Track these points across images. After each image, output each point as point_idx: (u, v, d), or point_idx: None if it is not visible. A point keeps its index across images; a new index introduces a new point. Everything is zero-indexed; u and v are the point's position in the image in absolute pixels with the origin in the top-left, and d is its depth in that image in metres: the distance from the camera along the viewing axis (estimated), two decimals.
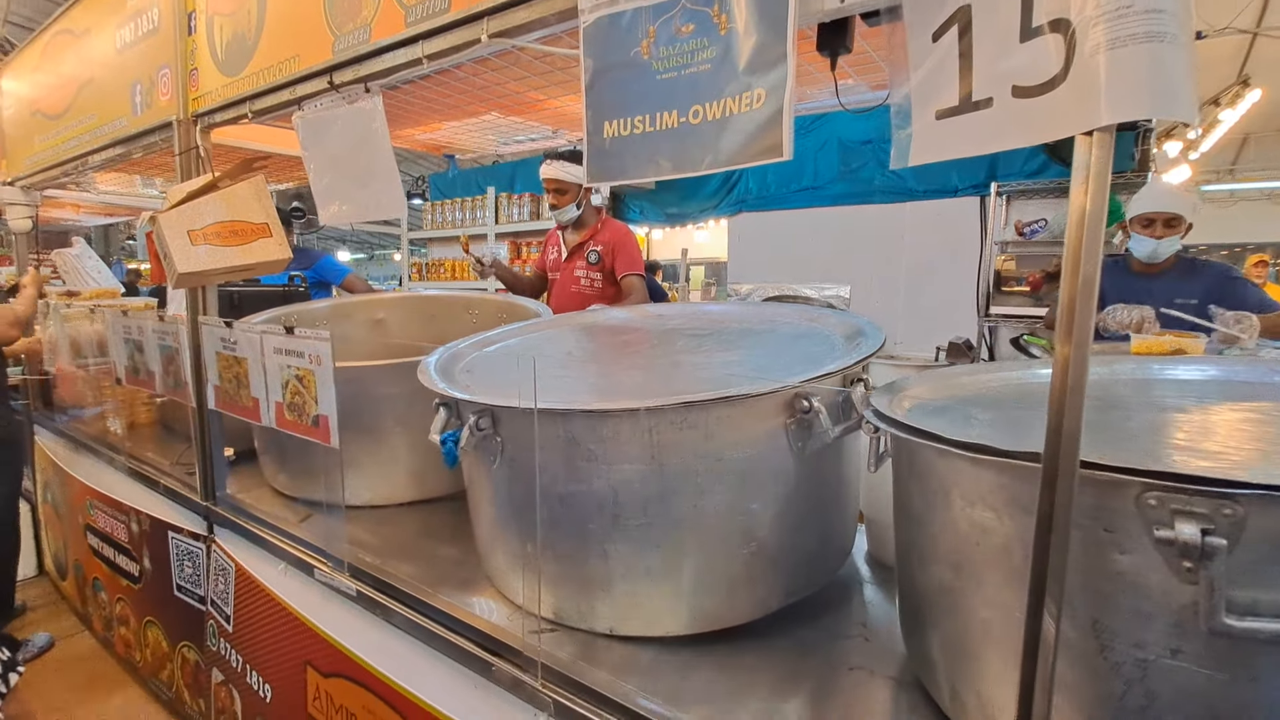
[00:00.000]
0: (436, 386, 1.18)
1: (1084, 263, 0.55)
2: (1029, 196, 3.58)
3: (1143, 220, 2.31)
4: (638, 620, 1.11)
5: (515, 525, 1.16)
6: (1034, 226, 3.45)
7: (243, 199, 1.59)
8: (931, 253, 3.91)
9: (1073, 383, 0.55)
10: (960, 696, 0.85)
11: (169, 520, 1.94)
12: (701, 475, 1.04)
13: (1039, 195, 3.54)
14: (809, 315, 1.67)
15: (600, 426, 1.02)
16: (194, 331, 1.71)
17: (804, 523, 1.14)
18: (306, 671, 1.40)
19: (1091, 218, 0.56)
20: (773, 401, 1.05)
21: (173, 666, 2.03)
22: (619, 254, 2.76)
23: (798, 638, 1.14)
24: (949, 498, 0.82)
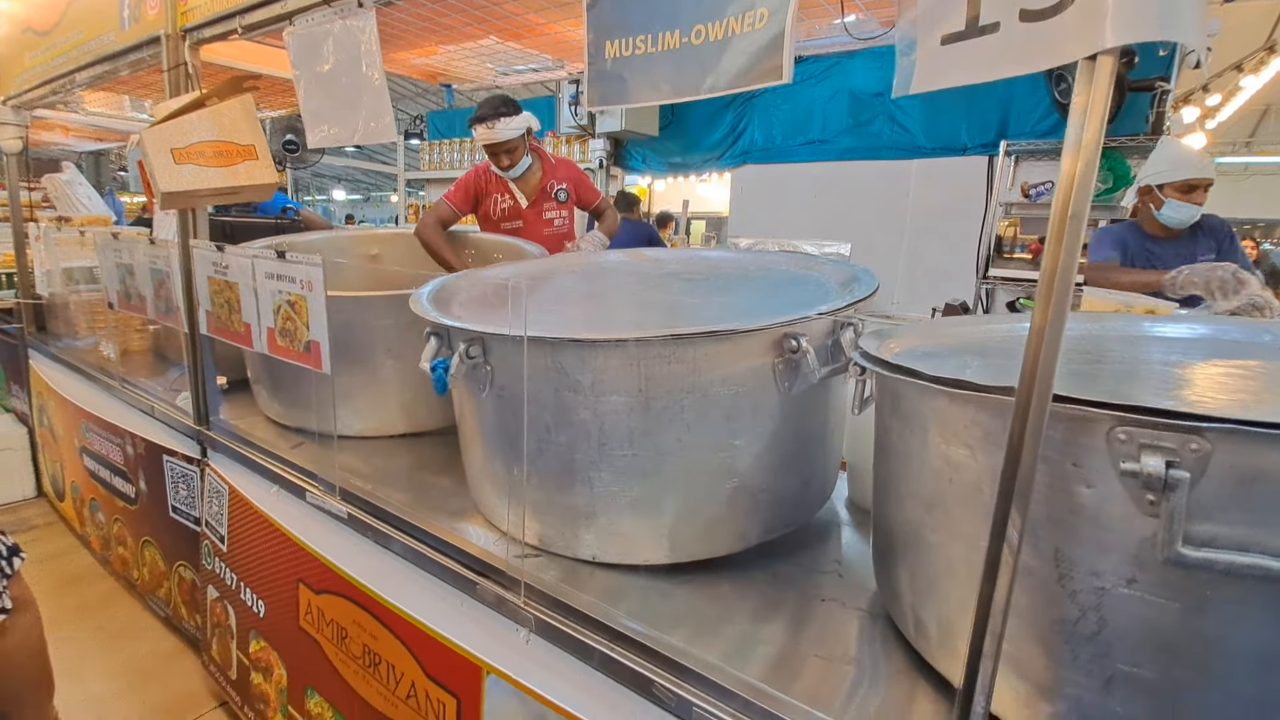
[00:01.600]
0: (428, 315, 1.18)
1: (1077, 189, 0.54)
2: (1038, 158, 3.51)
3: (1184, 186, 2.29)
4: (620, 548, 1.15)
5: (503, 453, 1.18)
6: (1040, 189, 3.40)
7: (230, 119, 1.56)
8: (936, 213, 3.86)
9: (1054, 313, 0.56)
10: (924, 625, 0.88)
11: (163, 444, 1.96)
12: (687, 410, 1.05)
13: (1048, 157, 3.47)
14: (804, 263, 1.66)
15: (589, 357, 1.02)
16: (185, 255, 1.70)
17: (786, 462, 1.17)
18: (299, 588, 1.44)
19: (1087, 148, 0.55)
20: (761, 339, 1.06)
21: (169, 584, 2.10)
22: (581, 187, 2.73)
23: (774, 571, 1.17)
24: (926, 435, 0.84)
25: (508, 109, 2.38)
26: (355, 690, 1.32)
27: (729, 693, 0.84)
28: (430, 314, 1.18)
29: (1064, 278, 0.55)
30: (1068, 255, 0.55)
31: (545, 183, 2.64)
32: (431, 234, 2.41)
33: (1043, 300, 0.56)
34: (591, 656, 0.96)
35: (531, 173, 2.62)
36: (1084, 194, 0.56)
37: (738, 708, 0.82)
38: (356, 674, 1.31)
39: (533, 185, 2.63)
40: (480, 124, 2.39)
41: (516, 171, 2.53)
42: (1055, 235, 0.56)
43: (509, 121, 2.38)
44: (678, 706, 0.87)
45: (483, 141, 2.44)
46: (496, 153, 2.47)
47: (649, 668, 0.91)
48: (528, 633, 1.05)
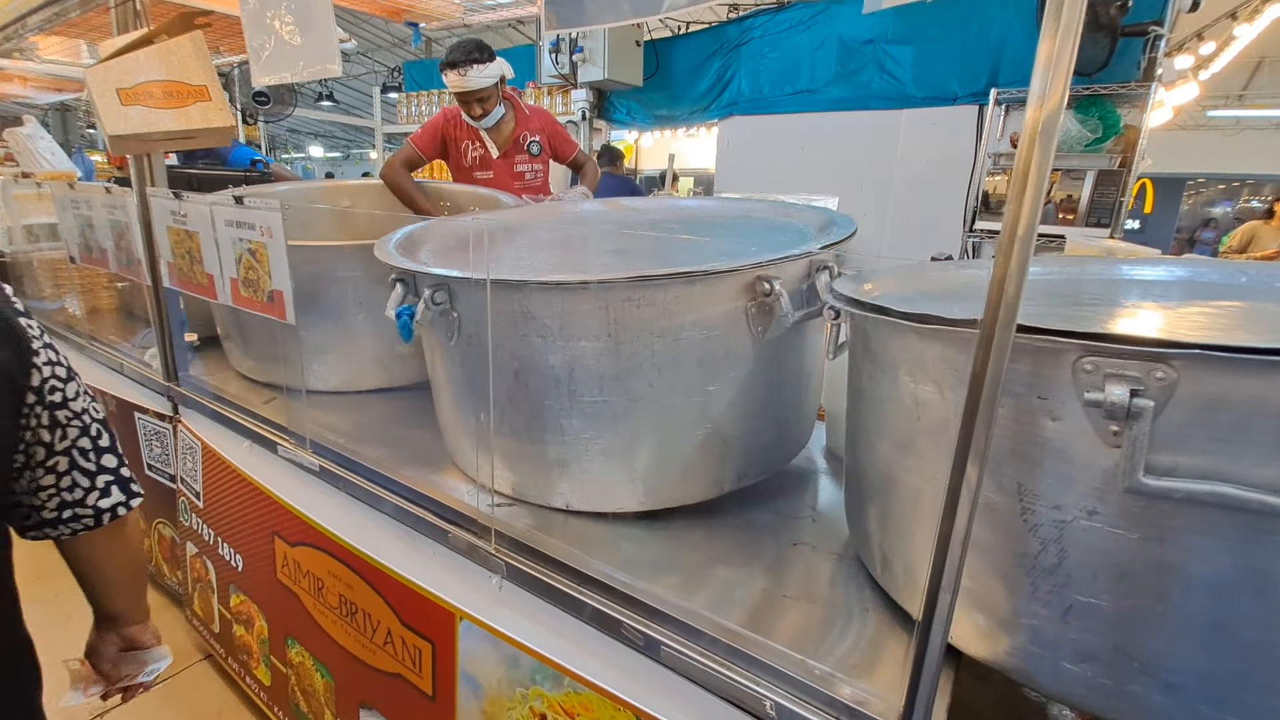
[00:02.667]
0: (392, 260, 1.14)
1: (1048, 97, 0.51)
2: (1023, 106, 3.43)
3: None
4: (593, 496, 1.14)
5: (473, 402, 1.16)
6: None
7: (180, 58, 1.47)
8: (924, 165, 3.79)
9: (1021, 235, 0.53)
10: (890, 564, 0.89)
11: (134, 401, 1.93)
12: (658, 355, 1.03)
13: None
14: (783, 211, 1.63)
15: (555, 300, 1.00)
16: (143, 204, 1.63)
17: (760, 409, 1.16)
18: (274, 541, 1.44)
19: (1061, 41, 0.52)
20: (732, 282, 1.03)
21: (149, 542, 2.09)
22: (556, 138, 2.61)
23: (749, 518, 1.18)
24: (896, 375, 0.82)
25: (481, 55, 2.26)
26: (334, 639, 1.32)
27: (697, 632, 0.84)
28: (394, 259, 1.14)
29: (1035, 191, 0.52)
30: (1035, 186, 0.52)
31: (518, 134, 2.53)
32: (398, 175, 2.32)
33: (1010, 219, 0.54)
34: (562, 601, 0.96)
35: (504, 122, 2.51)
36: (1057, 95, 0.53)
37: (705, 645, 0.83)
38: (334, 623, 1.32)
39: (505, 135, 2.52)
40: (451, 70, 2.28)
41: (488, 121, 2.43)
42: (1022, 166, 0.53)
43: (481, 69, 2.26)
44: (646, 646, 0.87)
45: (454, 89, 2.32)
46: (468, 101, 2.36)
47: (620, 610, 0.91)
48: (499, 579, 1.05)
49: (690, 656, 0.83)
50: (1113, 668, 0.66)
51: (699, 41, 4.54)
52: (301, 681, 1.46)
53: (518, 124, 2.54)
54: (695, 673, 0.83)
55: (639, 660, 0.89)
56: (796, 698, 0.76)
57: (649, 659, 0.88)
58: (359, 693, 1.30)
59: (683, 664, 0.84)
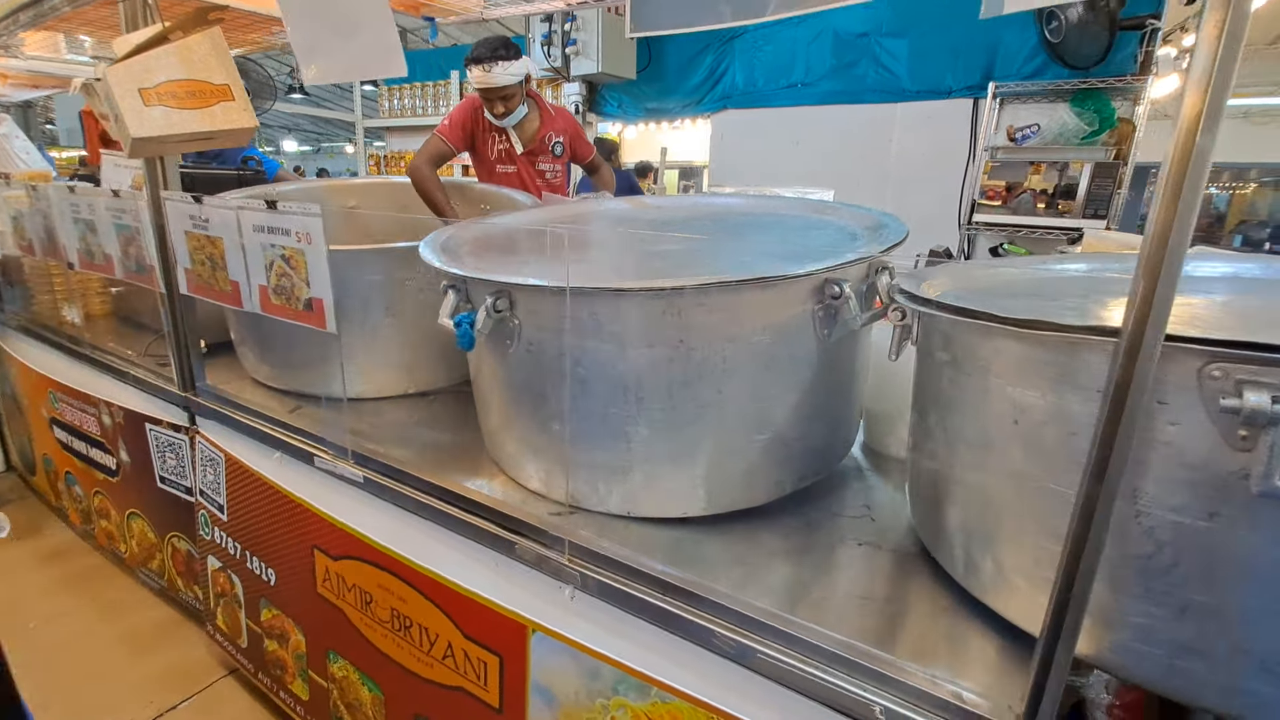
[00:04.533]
0: (447, 268, 1.11)
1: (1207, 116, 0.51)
2: (1023, 100, 3.49)
3: None
4: (656, 502, 1.13)
5: (533, 410, 1.14)
6: (1027, 131, 3.39)
7: (200, 55, 1.41)
8: (920, 158, 3.83)
9: (1172, 247, 0.54)
10: (976, 565, 0.89)
11: (145, 412, 1.86)
12: (728, 360, 1.02)
13: (1034, 99, 3.46)
14: (815, 208, 1.63)
15: (628, 307, 0.98)
16: (156, 209, 1.56)
17: (819, 410, 1.16)
18: (313, 554, 1.40)
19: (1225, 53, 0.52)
20: (804, 286, 1.03)
21: (163, 556, 2.03)
22: (577, 141, 2.59)
23: (808, 518, 1.18)
24: (986, 378, 0.83)
25: (507, 52, 2.20)
26: (385, 653, 1.30)
27: (792, 638, 0.84)
28: (449, 266, 1.11)
29: (1184, 214, 0.53)
30: (1189, 193, 0.52)
31: (543, 133, 2.49)
32: (425, 173, 2.25)
33: (1159, 238, 0.54)
34: (646, 610, 0.95)
35: (529, 121, 2.47)
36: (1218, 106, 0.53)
37: (804, 652, 0.83)
38: (385, 637, 1.29)
39: (530, 133, 2.48)
40: (476, 66, 2.21)
41: (511, 120, 2.38)
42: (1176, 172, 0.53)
43: (507, 66, 2.20)
44: (738, 653, 0.87)
45: (477, 85, 2.26)
46: (491, 99, 2.30)
47: (706, 617, 0.90)
48: (572, 589, 1.04)
49: (787, 664, 0.83)
50: (1227, 664, 0.67)
51: (692, 35, 4.51)
52: (345, 695, 1.42)
53: (543, 123, 2.50)
54: (794, 680, 0.83)
55: (730, 668, 0.89)
56: (907, 702, 0.77)
57: (741, 666, 0.88)
58: (412, 706, 1.28)
59: (779, 672, 0.84)
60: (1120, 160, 3.11)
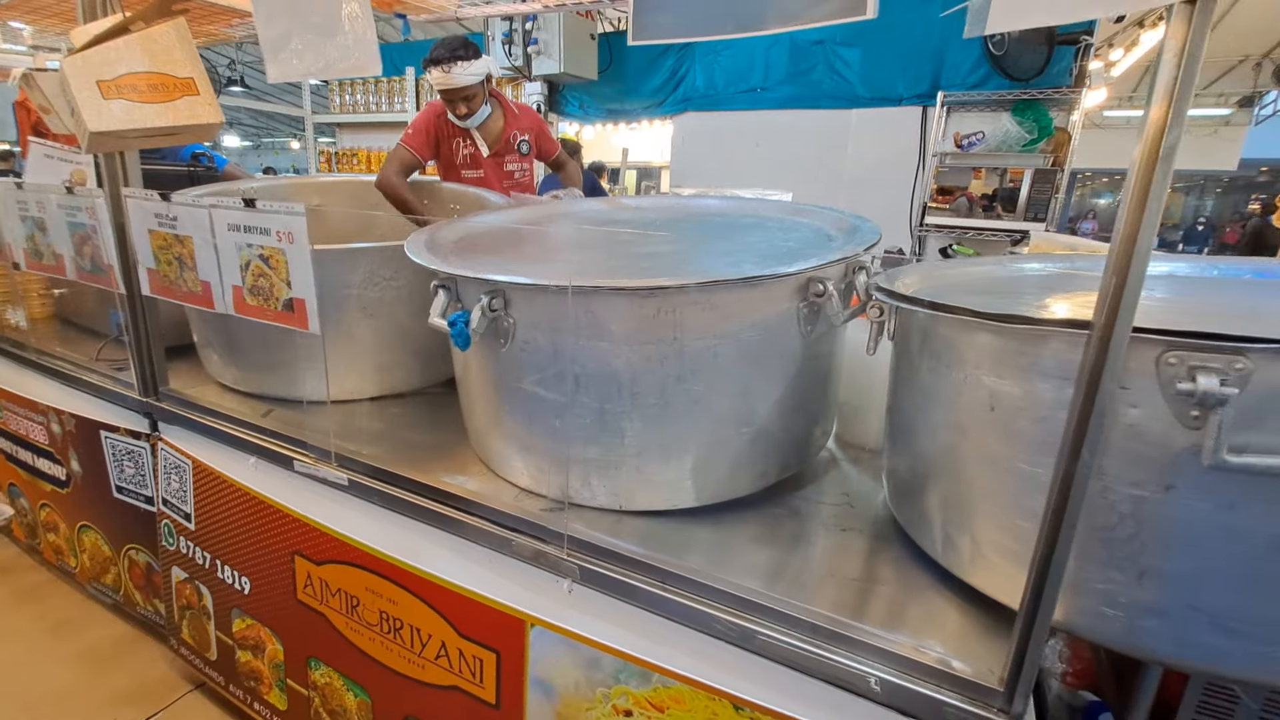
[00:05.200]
0: (439, 267, 1.12)
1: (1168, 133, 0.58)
2: (968, 109, 3.67)
3: None
4: (648, 496, 1.16)
5: (524, 408, 1.15)
6: (973, 139, 3.58)
7: (163, 47, 1.36)
8: (873, 162, 3.99)
9: (1139, 249, 0.60)
10: (955, 544, 0.96)
11: (100, 419, 1.77)
12: (720, 356, 1.06)
13: (978, 108, 3.65)
14: (790, 209, 1.69)
15: (625, 305, 1.01)
16: (117, 206, 1.50)
17: (802, 404, 1.21)
18: (294, 561, 1.37)
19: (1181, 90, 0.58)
20: (790, 284, 1.08)
21: (118, 569, 1.93)
22: (543, 138, 2.60)
23: (792, 507, 1.23)
24: (963, 368, 0.89)
25: (466, 52, 2.19)
26: (372, 657, 1.29)
27: (788, 618, 0.89)
28: (444, 266, 1.12)
29: (1151, 214, 0.59)
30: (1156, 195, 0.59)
31: (508, 133, 2.48)
32: (395, 183, 2.23)
33: (1127, 237, 0.61)
34: (646, 600, 0.98)
35: (493, 121, 2.46)
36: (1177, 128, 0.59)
37: (804, 632, 0.87)
38: (373, 641, 1.28)
39: (495, 134, 2.47)
40: (435, 67, 2.20)
41: (474, 121, 2.37)
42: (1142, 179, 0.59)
43: (467, 66, 2.19)
44: (740, 637, 0.91)
45: (438, 87, 2.24)
46: (453, 100, 2.29)
47: (706, 603, 0.94)
48: (570, 582, 1.06)
49: (788, 643, 0.88)
50: (1183, 621, 0.75)
51: None
52: (328, 702, 1.40)
53: (507, 123, 2.49)
54: (794, 658, 0.88)
55: (730, 650, 0.93)
56: (899, 672, 0.82)
57: (742, 649, 0.92)
58: (403, 708, 1.27)
59: (779, 651, 0.89)
60: (1057, 167, 3.33)
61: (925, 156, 3.80)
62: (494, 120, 2.46)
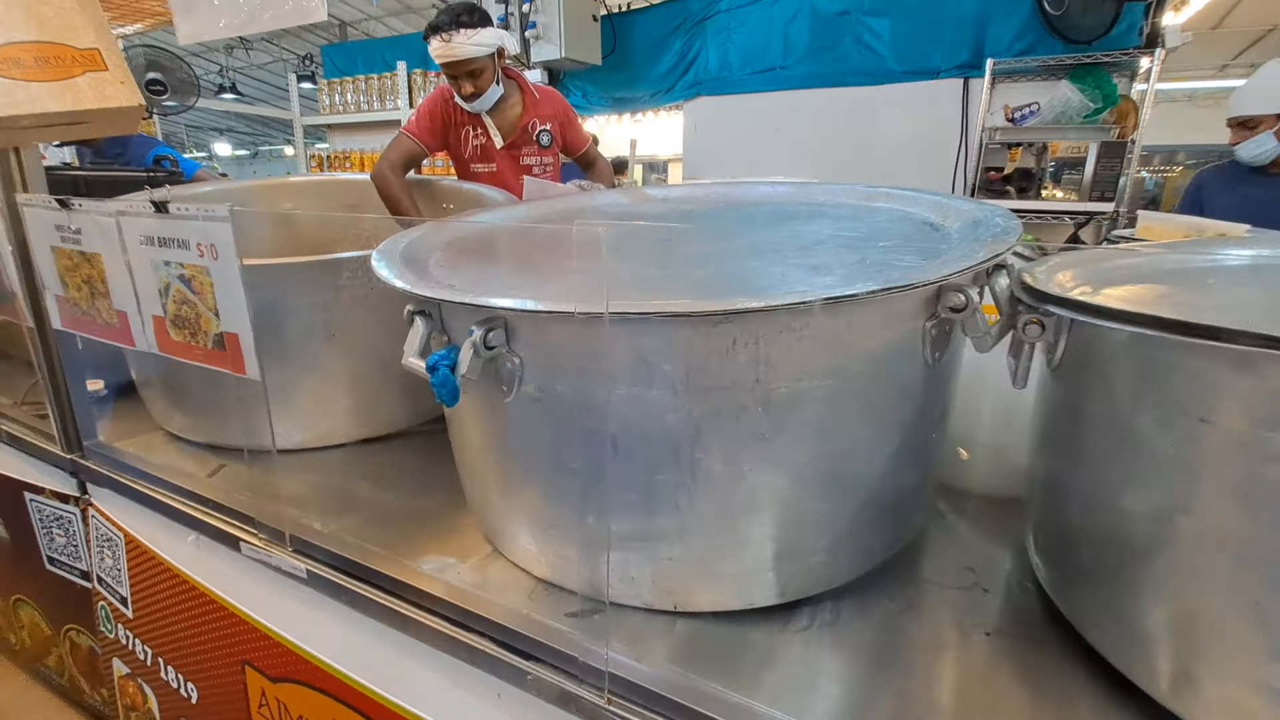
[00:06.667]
0: (411, 287, 0.79)
1: None
2: (1017, 79, 3.31)
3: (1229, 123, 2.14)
4: (712, 593, 0.84)
5: (540, 476, 0.83)
6: (1025, 111, 3.22)
7: (58, 9, 1.05)
8: (908, 142, 3.64)
9: None
10: (1199, 686, 0.63)
11: (21, 478, 1.46)
12: (819, 402, 0.74)
13: (1029, 77, 3.28)
14: (862, 194, 1.36)
15: (692, 337, 0.68)
16: (14, 217, 1.19)
17: (920, 454, 0.89)
18: (246, 673, 1.06)
19: None
20: (915, 298, 0.75)
21: (60, 651, 1.63)
22: (568, 128, 2.22)
23: (904, 597, 0.90)
24: (1208, 417, 0.56)
25: (470, 18, 1.86)
26: None
27: None
28: (416, 286, 0.79)
29: None
30: None
31: (526, 121, 2.12)
32: (390, 177, 1.91)
33: None
34: None
35: (509, 106, 2.11)
36: None
37: None
38: None
39: (510, 121, 2.12)
40: (435, 35, 1.88)
41: (484, 103, 2.02)
42: None
43: (471, 35, 1.86)
44: None
45: (439, 59, 1.91)
46: (456, 76, 1.95)
47: None
48: None
49: None
50: None
51: (660, 16, 4.23)
52: None
53: (525, 109, 2.14)
54: None
55: None
56: None
57: None
58: None
59: None
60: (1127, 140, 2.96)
61: (968, 133, 3.44)
62: (509, 105, 2.12)
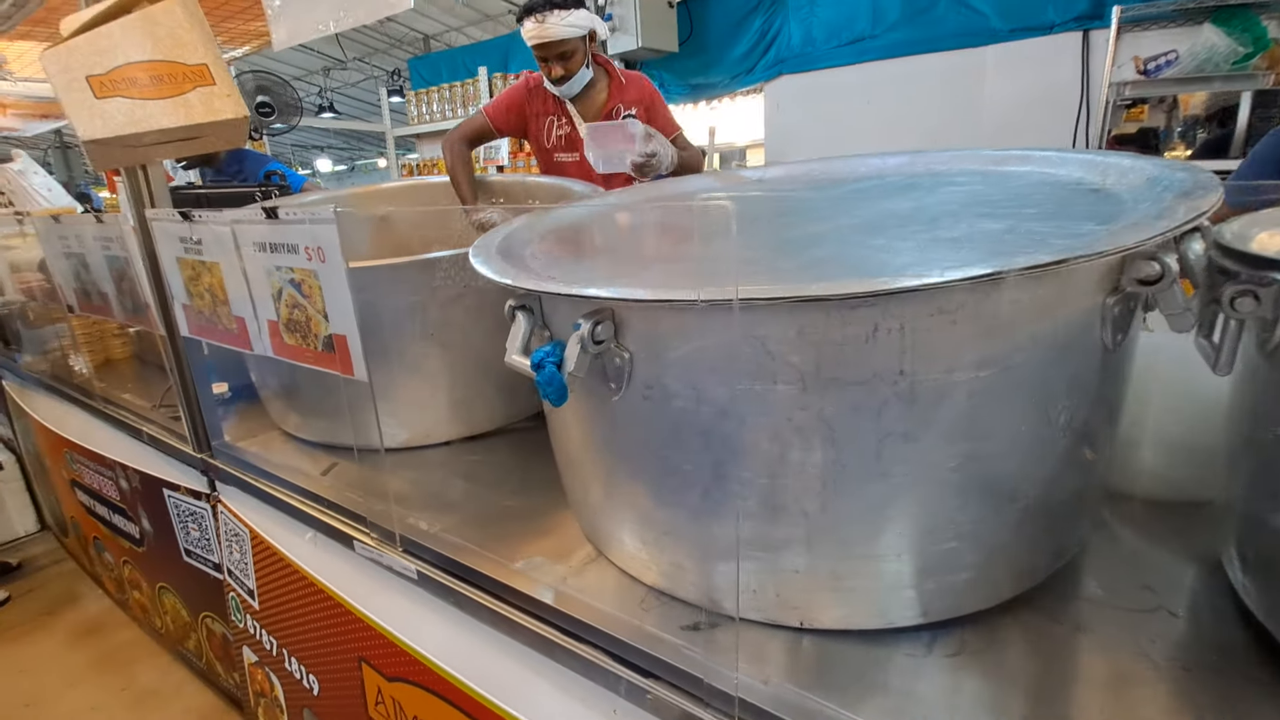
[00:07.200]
0: (513, 280, 0.75)
1: None
2: (1146, 26, 2.94)
3: None
4: (844, 609, 0.75)
5: (652, 479, 0.78)
6: (1161, 61, 2.85)
7: (168, 28, 1.09)
8: (1018, 105, 3.32)
9: None
10: None
11: (161, 476, 1.58)
12: (975, 394, 0.64)
13: (1160, 24, 2.90)
14: (989, 159, 1.21)
15: (827, 325, 0.60)
16: (143, 232, 1.26)
17: (1086, 459, 0.76)
18: (362, 669, 1.07)
19: None
20: (1095, 271, 0.63)
21: (198, 636, 1.75)
22: (655, 113, 2.13)
23: (1072, 619, 0.78)
24: None
25: (564, 2, 1.86)
26: None
27: None
28: (515, 276, 0.75)
29: None
30: None
31: (610, 106, 2.09)
32: (455, 148, 1.99)
33: None
34: None
35: (595, 92, 2.08)
36: None
37: None
38: None
39: (595, 108, 2.09)
40: (529, 17, 1.89)
41: (573, 87, 2.00)
42: None
43: (565, 16, 1.85)
44: None
45: (530, 40, 1.92)
46: (547, 58, 1.95)
47: None
48: None
49: None
50: None
51: None
52: None
53: (611, 95, 2.10)
54: None
55: None
56: None
57: None
58: None
59: None
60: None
61: (1088, 91, 3.09)
62: (596, 91, 2.09)
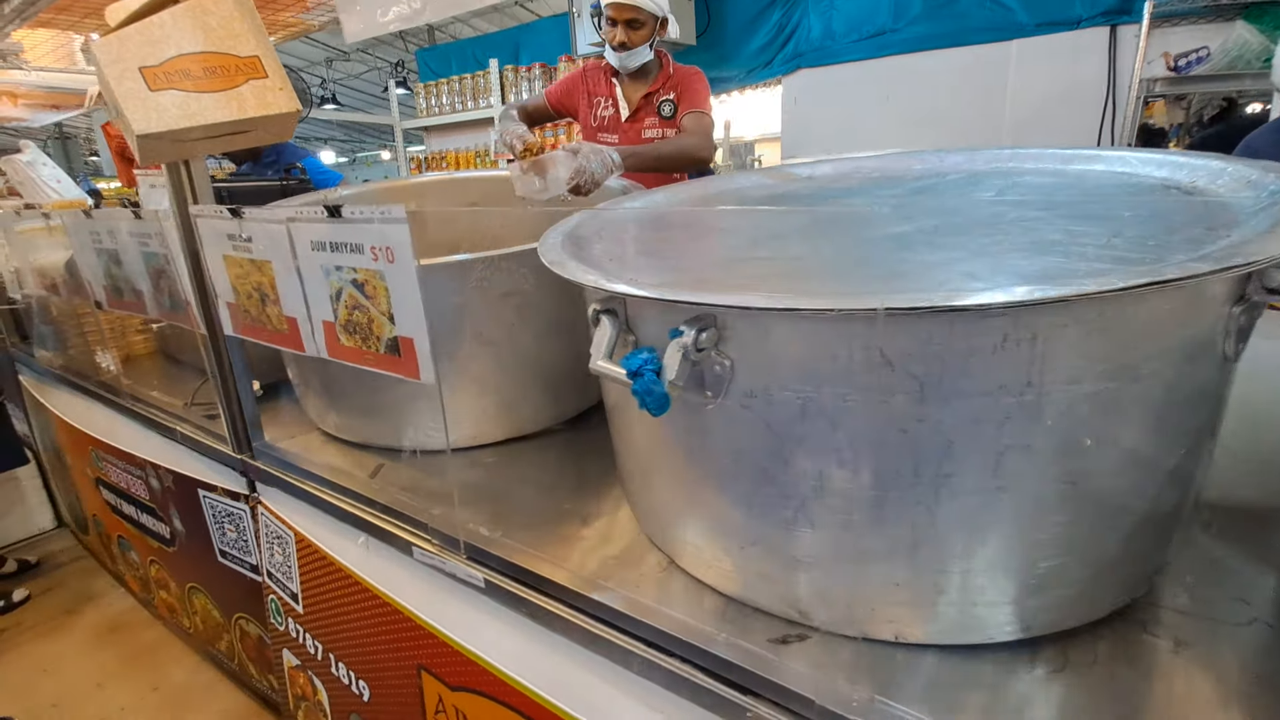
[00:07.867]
0: (604, 282, 0.73)
1: None
2: (1177, 22, 2.91)
3: None
4: (944, 623, 0.73)
5: (745, 490, 0.75)
6: (1192, 58, 2.82)
7: (220, 18, 1.06)
8: (1043, 102, 3.28)
9: None
10: None
11: (196, 476, 1.55)
12: (1100, 406, 0.61)
13: (1191, 20, 2.87)
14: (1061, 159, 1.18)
15: (951, 335, 0.58)
16: (186, 228, 1.23)
17: (1195, 466, 0.74)
18: (421, 678, 1.05)
19: None
20: (1229, 280, 0.61)
21: (230, 638, 1.73)
22: (685, 93, 2.21)
23: (1166, 632, 0.76)
24: None
25: None
26: None
27: None
28: (603, 279, 0.73)
29: None
30: None
31: (653, 90, 2.20)
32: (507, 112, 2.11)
33: None
34: None
35: (646, 78, 2.20)
36: None
37: None
38: None
39: (642, 94, 2.21)
40: None
41: (632, 60, 2.10)
42: None
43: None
44: None
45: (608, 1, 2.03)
46: (617, 20, 2.05)
47: None
48: None
49: None
50: None
51: None
52: None
53: (656, 81, 2.22)
54: None
55: None
56: None
57: None
58: None
59: None
60: None
61: (1115, 88, 3.06)
62: (647, 78, 2.22)
